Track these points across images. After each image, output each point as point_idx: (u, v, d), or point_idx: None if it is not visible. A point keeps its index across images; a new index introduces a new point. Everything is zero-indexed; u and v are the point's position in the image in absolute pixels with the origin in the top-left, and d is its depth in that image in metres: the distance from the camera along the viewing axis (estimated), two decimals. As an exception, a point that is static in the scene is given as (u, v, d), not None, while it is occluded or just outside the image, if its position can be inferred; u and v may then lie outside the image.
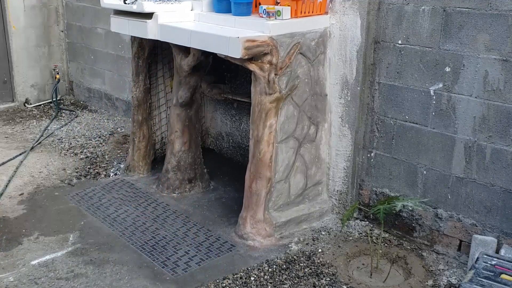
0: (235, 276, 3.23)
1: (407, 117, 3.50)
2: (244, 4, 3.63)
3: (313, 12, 3.59)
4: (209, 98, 4.93)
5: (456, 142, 3.30)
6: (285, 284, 3.17)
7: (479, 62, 3.12)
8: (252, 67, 3.38)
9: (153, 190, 4.34)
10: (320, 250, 3.50)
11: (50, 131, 5.63)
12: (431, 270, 3.30)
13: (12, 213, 3.94)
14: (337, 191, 3.90)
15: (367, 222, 3.83)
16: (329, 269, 3.30)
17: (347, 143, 3.77)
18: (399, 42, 3.45)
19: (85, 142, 5.32)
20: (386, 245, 3.58)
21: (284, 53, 3.43)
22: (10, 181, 4.41)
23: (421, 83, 3.40)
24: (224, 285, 3.15)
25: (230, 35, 3.33)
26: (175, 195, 4.25)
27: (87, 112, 6.30)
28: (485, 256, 2.81)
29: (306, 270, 3.29)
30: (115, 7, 4.13)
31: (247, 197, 3.63)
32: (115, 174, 4.62)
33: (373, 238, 3.64)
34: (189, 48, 3.80)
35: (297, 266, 3.34)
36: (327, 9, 3.67)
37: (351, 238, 3.65)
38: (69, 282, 3.16)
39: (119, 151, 5.09)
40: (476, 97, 3.17)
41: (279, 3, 3.53)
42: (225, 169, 4.71)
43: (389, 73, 3.54)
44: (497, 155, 3.14)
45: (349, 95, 3.70)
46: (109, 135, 5.52)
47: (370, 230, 3.73)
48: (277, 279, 3.21)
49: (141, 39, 4.23)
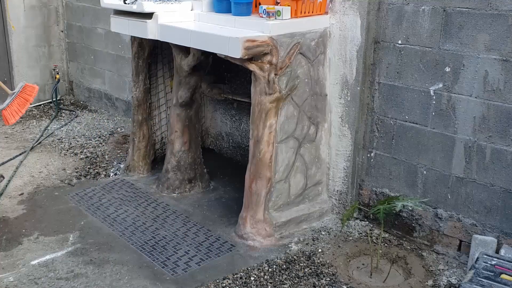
0: (235, 276, 3.24)
1: (407, 117, 3.50)
2: (244, 4, 3.63)
3: (313, 12, 3.59)
4: (209, 98, 4.93)
5: (456, 142, 3.30)
6: (285, 284, 3.17)
7: (479, 62, 3.12)
8: (252, 67, 3.38)
9: (153, 190, 4.34)
10: (320, 250, 3.50)
11: (50, 131, 5.63)
12: (431, 270, 3.30)
13: (12, 213, 3.94)
14: (337, 191, 3.90)
15: (367, 222, 3.83)
16: (329, 269, 3.30)
17: (347, 143, 3.77)
18: (399, 42, 3.45)
19: (85, 142, 5.32)
20: (386, 245, 3.58)
21: (284, 53, 3.43)
22: (10, 181, 4.41)
23: (421, 83, 3.40)
24: (224, 285, 3.15)
25: (230, 35, 3.33)
26: (175, 195, 4.25)
27: (87, 112, 6.30)
28: (485, 256, 2.81)
29: (306, 270, 3.29)
30: (115, 7, 4.13)
31: (247, 197, 3.63)
32: (115, 174, 4.62)
33: (373, 238, 3.64)
34: (189, 48, 3.81)
35: (297, 266, 3.34)
36: (327, 9, 3.67)
37: (351, 238, 3.65)
38: (69, 282, 3.16)
39: (119, 151, 5.09)
40: (476, 97, 3.17)
41: (279, 3, 3.53)
42: (225, 169, 4.71)
43: (389, 73, 3.54)
44: (497, 155, 3.14)
45: (349, 95, 3.70)
46: (109, 135, 5.53)
47: (370, 230, 3.73)
48: (277, 279, 3.21)
49: (141, 39, 4.23)
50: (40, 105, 6.45)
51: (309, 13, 3.57)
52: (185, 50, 3.89)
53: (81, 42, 6.43)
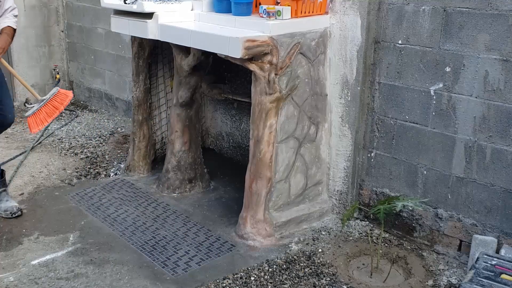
0: (235, 276, 3.24)
1: (407, 117, 3.50)
2: (244, 4, 3.63)
3: (313, 12, 3.59)
4: (209, 98, 4.93)
5: (456, 142, 3.30)
6: (285, 284, 3.17)
7: (479, 62, 3.12)
8: (252, 67, 3.38)
9: (153, 190, 4.34)
10: (320, 250, 3.50)
11: (50, 131, 5.63)
12: (431, 270, 3.30)
13: (12, 213, 3.94)
14: (337, 191, 3.90)
15: (367, 222, 3.83)
16: (329, 269, 3.30)
17: (347, 143, 3.77)
18: (399, 42, 3.45)
19: (85, 142, 5.33)
20: (386, 245, 3.58)
21: (284, 53, 3.43)
22: (10, 181, 4.41)
23: (421, 83, 3.40)
24: (224, 285, 3.15)
25: (230, 35, 3.33)
26: (175, 195, 4.25)
27: (87, 112, 6.30)
28: (485, 256, 2.81)
29: (306, 270, 3.29)
30: (115, 7, 4.13)
31: (247, 197, 3.63)
32: (115, 174, 4.62)
33: (373, 238, 3.64)
34: (190, 48, 3.81)
35: (297, 266, 3.34)
36: (327, 9, 3.67)
37: (351, 238, 3.65)
38: (69, 282, 3.16)
39: (119, 151, 5.09)
40: (476, 97, 3.17)
41: (279, 3, 3.53)
42: (225, 169, 4.71)
43: (389, 73, 3.54)
44: (497, 155, 3.14)
45: (349, 95, 3.70)
46: (109, 135, 5.53)
47: (370, 230, 3.73)
48: (277, 279, 3.21)
49: (141, 39, 4.23)
50: (40, 105, 6.45)
51: (309, 13, 3.57)
52: (186, 50, 3.89)
53: (81, 42, 6.43)
